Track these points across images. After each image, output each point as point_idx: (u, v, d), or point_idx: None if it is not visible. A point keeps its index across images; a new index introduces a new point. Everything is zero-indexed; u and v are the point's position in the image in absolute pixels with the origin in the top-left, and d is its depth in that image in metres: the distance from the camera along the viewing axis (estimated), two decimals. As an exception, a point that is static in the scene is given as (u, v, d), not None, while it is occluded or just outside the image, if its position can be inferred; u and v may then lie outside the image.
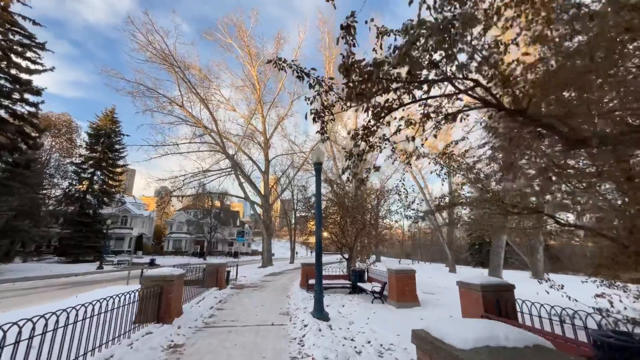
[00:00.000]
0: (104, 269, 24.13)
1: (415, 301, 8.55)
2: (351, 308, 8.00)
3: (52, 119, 32.03)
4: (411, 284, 8.66)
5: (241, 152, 26.69)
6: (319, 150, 7.39)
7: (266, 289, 12.08)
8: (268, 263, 25.25)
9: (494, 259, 17.56)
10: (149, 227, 52.55)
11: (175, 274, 6.14)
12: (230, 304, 8.73)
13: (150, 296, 5.62)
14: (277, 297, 9.99)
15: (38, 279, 16.43)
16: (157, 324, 5.59)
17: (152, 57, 19.45)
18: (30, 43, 20.04)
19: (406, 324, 6.42)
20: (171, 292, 5.94)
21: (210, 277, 10.74)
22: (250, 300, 9.30)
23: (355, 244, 13.48)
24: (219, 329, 5.99)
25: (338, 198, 12.95)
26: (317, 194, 7.22)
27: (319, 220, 7.05)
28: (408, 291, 8.56)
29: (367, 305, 8.45)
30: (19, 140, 19.34)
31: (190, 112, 23.50)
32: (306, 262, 12.25)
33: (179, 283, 6.38)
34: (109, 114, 33.19)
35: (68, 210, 30.07)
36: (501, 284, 5.09)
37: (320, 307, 6.61)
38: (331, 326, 6.14)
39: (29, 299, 10.56)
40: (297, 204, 34.25)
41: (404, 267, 8.97)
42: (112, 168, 32.77)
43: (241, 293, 10.77)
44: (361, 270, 11.32)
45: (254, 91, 25.72)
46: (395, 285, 8.53)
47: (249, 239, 68.56)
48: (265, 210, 26.39)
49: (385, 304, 8.91)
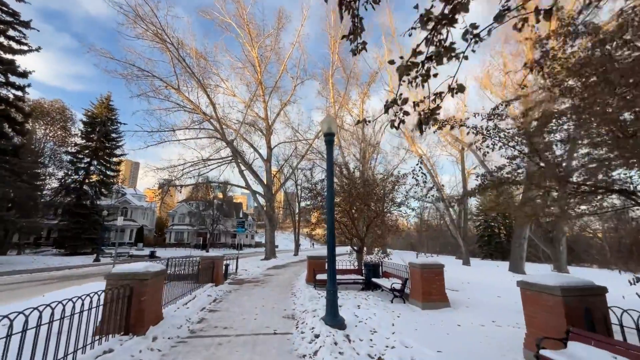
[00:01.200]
0: (101, 262, 23.16)
1: (444, 301, 7.21)
2: (368, 310, 6.69)
3: (44, 106, 30.66)
4: (439, 282, 7.32)
5: (242, 140, 25.29)
6: (330, 118, 5.95)
7: (268, 284, 10.83)
8: (271, 255, 24.09)
9: (516, 250, 16.09)
10: (150, 219, 51.76)
11: (151, 270, 4.83)
12: (226, 303, 7.46)
13: (116, 299, 4.33)
14: (280, 295, 8.72)
15: (25, 273, 15.36)
16: (125, 336, 4.31)
17: (142, 34, 17.92)
18: (12, 20, 18.58)
19: (442, 333, 5.09)
20: (144, 293, 4.64)
21: (205, 272, 9.49)
22: (250, 299, 8.03)
23: (367, 235, 12.15)
24: (207, 341, 4.70)
25: (348, 184, 11.57)
26: (328, 171, 5.82)
27: (331, 202, 5.67)
28: (435, 289, 7.22)
29: (386, 306, 7.14)
30: (4, 125, 18.07)
31: (187, 96, 22.05)
32: (313, 254, 10.95)
33: (156, 282, 5.08)
34: (104, 101, 31.77)
35: (65, 201, 29.01)
36: (589, 285, 3.69)
37: (334, 311, 5.29)
38: (349, 336, 4.82)
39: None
40: (301, 192, 32.99)
41: (429, 261, 7.61)
42: (109, 157, 31.51)
43: (240, 290, 9.52)
44: (375, 264, 9.99)
45: (255, 73, 24.13)
46: (421, 283, 7.19)
47: (252, 231, 67.75)
48: (268, 200, 25.11)
49: (407, 303, 7.60)
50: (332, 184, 5.79)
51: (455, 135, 25.75)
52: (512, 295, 8.96)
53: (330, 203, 5.63)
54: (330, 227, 5.54)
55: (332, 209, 5.64)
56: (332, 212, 5.64)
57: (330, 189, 5.69)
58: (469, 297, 8.24)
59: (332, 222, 5.56)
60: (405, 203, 11.28)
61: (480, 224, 51.01)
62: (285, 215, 74.76)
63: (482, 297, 8.46)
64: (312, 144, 25.87)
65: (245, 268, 15.77)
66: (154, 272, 4.86)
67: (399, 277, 8.68)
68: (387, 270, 9.85)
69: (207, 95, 21.00)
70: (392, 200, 11.02)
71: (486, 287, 10.40)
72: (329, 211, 5.60)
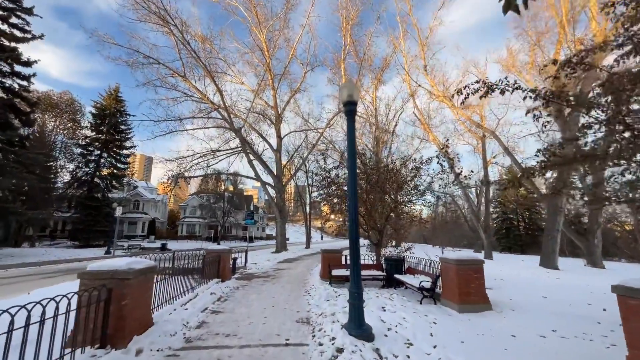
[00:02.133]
0: (112, 254, 22.96)
1: (484, 302, 6.13)
2: (396, 313, 5.69)
3: (53, 98, 30.50)
4: (478, 280, 6.22)
5: (251, 129, 24.40)
6: (351, 84, 4.87)
7: (279, 279, 9.96)
8: (282, 248, 23.36)
9: (549, 243, 14.69)
10: (162, 211, 52.06)
11: (135, 267, 3.94)
12: (232, 303, 6.60)
13: (92, 304, 3.46)
14: (292, 293, 7.82)
15: (34, 265, 15.08)
16: (100, 350, 3.45)
17: (145, 17, 17.03)
18: (14, 7, 18.03)
19: (498, 348, 4.03)
20: (126, 296, 3.76)
21: (211, 267, 8.66)
22: (259, 298, 7.15)
23: (386, 227, 11.08)
24: (203, 355, 3.81)
25: (364, 171, 10.47)
26: (349, 149, 4.78)
27: (353, 185, 4.65)
28: (474, 289, 6.14)
29: (415, 308, 6.12)
30: (10, 116, 17.70)
31: (194, 84, 21.23)
32: (328, 247, 9.99)
33: (142, 282, 4.19)
34: (112, 92, 31.38)
35: (76, 194, 29.03)
36: None
37: (359, 318, 4.31)
38: (379, 351, 3.84)
39: None
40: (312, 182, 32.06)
41: (465, 255, 6.50)
42: (119, 150, 31.29)
43: (248, 286, 8.67)
44: (398, 259, 8.94)
45: (263, 58, 23.04)
46: (457, 281, 6.12)
47: (263, 224, 67.62)
48: (278, 191, 24.27)
49: (439, 305, 6.56)
50: (354, 162, 4.74)
51: (476, 122, 24.11)
52: (559, 295, 7.80)
53: (352, 186, 4.60)
54: (353, 215, 4.52)
55: (355, 193, 4.61)
56: (355, 196, 4.61)
57: (353, 170, 4.65)
58: (510, 297, 7.11)
59: (355, 208, 4.53)
60: (430, 190, 10.11)
61: (498, 215, 49.09)
62: (297, 207, 74.39)
63: (524, 297, 7.32)
64: (323, 134, 24.76)
65: (255, 262, 15.02)
66: (138, 269, 3.96)
67: (426, 274, 7.63)
68: (411, 266, 8.80)
69: (213, 81, 20.09)
70: (416, 188, 9.85)
71: (523, 285, 9.22)
72: (352, 196, 4.57)
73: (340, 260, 9.74)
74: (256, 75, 24.55)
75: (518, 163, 20.47)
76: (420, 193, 10.03)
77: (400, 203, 10.38)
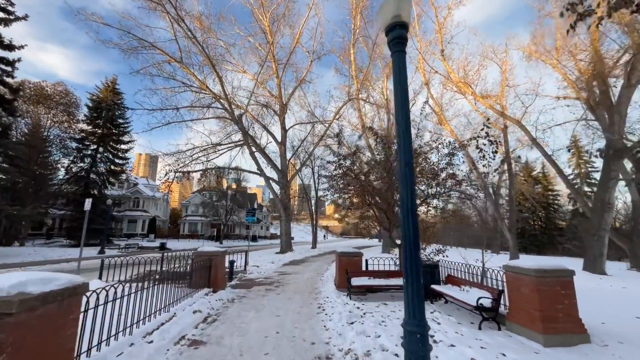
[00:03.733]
0: (105, 254, 21.47)
1: (579, 331, 4.30)
2: (456, 348, 3.90)
3: (46, 89, 29.07)
4: (568, 299, 4.39)
5: (253, 120, 22.71)
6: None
7: (285, 288, 8.21)
8: (287, 248, 21.61)
9: (595, 245, 12.65)
10: (163, 210, 50.71)
11: (31, 292, 2.20)
12: (221, 326, 4.85)
13: None
14: (303, 309, 6.04)
15: (14, 267, 13.55)
16: None
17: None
18: (-5, -16, 16.55)
19: None
20: (7, 344, 2.02)
21: (200, 273, 6.92)
22: (258, 317, 5.40)
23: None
24: None
25: (386, 155, 8.69)
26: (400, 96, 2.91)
27: (408, 150, 2.78)
28: (564, 313, 4.31)
29: (476, 336, 4.33)
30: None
31: (192, 71, 19.59)
32: (344, 250, 8.18)
33: (50, 315, 2.44)
34: (109, 84, 29.90)
35: (71, 190, 27.62)
36: None
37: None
38: None
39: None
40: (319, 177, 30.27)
41: (546, 263, 4.65)
42: (116, 145, 29.82)
43: (246, 298, 6.94)
44: (433, 265, 7.12)
45: (266, 44, 21.29)
46: (538, 301, 4.29)
47: (267, 222, 66.02)
48: (282, 187, 22.54)
49: (504, 329, 4.76)
50: (408, 121, 2.85)
51: (499, 111, 22.12)
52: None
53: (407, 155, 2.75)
54: (407, 203, 2.66)
55: (411, 169, 2.74)
56: (412, 172, 2.73)
57: (407, 133, 2.79)
58: (602, 321, 5.24)
59: (412, 192, 2.67)
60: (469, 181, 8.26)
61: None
62: (301, 205, 72.58)
63: (615, 318, 5.47)
64: (332, 124, 22.97)
65: (257, 264, 13.28)
66: (36, 295, 2.21)
67: (480, 286, 5.80)
68: (452, 275, 6.98)
69: (212, 67, 18.41)
70: (452, 177, 7.99)
71: (594, 298, 7.33)
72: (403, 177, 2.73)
73: (360, 265, 7.95)
74: (259, 63, 22.85)
75: (548, 155, 18.49)
76: (457, 183, 8.16)
77: (430, 196, 8.55)
